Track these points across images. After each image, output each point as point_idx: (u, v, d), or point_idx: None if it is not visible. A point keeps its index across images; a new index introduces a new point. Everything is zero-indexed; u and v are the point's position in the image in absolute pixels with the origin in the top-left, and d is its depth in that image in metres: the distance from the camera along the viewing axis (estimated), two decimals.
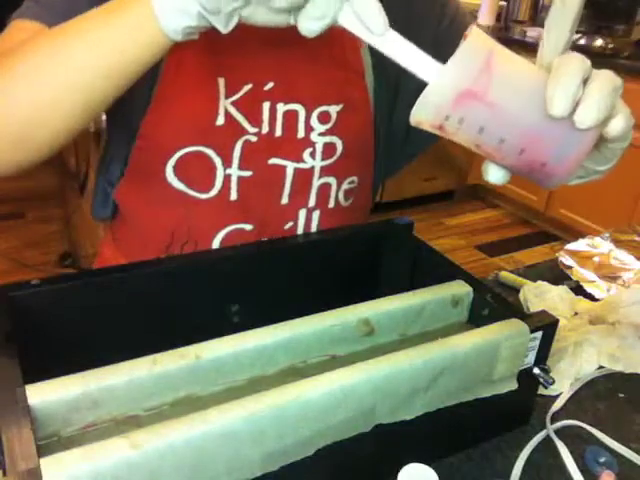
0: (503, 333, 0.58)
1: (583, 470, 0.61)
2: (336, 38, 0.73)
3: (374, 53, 0.74)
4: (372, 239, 0.79)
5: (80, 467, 0.40)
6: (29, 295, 0.58)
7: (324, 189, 0.77)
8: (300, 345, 0.59)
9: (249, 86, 0.69)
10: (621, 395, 0.74)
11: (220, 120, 0.69)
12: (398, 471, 0.46)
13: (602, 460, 0.62)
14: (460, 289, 0.67)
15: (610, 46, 2.75)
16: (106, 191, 0.78)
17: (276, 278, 0.72)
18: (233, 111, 0.69)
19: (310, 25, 0.46)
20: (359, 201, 0.83)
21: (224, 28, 0.49)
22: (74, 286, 0.61)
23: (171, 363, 0.53)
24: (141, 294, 0.64)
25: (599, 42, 2.77)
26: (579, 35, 2.95)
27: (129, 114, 0.70)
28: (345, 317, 0.61)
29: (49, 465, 0.40)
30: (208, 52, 0.67)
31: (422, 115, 0.47)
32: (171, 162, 0.70)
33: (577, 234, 1.65)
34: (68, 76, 0.52)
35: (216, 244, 0.74)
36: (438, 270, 0.71)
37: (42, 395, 0.48)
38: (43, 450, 0.44)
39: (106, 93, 0.53)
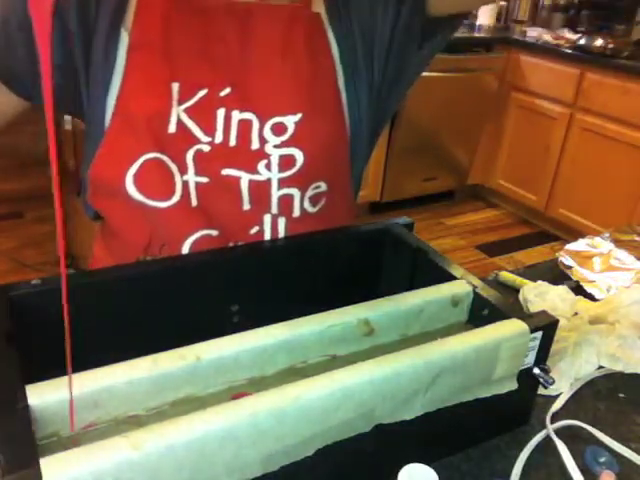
0: (503, 333, 0.58)
1: (583, 470, 0.61)
2: (300, 35, 0.71)
3: (340, 43, 0.73)
4: (372, 239, 0.79)
5: (80, 467, 0.40)
6: (29, 295, 0.58)
7: (286, 200, 0.73)
8: (300, 345, 0.59)
9: (204, 91, 0.68)
10: (621, 395, 0.74)
11: (172, 128, 0.67)
12: (398, 471, 0.46)
13: (602, 460, 0.62)
14: (460, 289, 0.67)
15: (610, 46, 2.75)
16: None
17: (276, 278, 0.72)
18: (185, 119, 0.68)
19: None
20: (333, 203, 0.79)
21: None
22: (74, 286, 0.61)
23: (171, 363, 0.53)
24: (141, 294, 0.64)
25: (599, 42, 2.77)
26: (579, 35, 2.95)
27: (93, 122, 0.69)
28: (345, 317, 0.61)
29: (49, 465, 0.40)
30: (163, 56, 0.66)
31: None
32: (131, 171, 0.68)
33: (577, 234, 1.65)
34: None
35: (185, 249, 0.72)
36: (438, 270, 0.71)
37: (42, 395, 0.48)
38: (43, 450, 0.44)
39: None
